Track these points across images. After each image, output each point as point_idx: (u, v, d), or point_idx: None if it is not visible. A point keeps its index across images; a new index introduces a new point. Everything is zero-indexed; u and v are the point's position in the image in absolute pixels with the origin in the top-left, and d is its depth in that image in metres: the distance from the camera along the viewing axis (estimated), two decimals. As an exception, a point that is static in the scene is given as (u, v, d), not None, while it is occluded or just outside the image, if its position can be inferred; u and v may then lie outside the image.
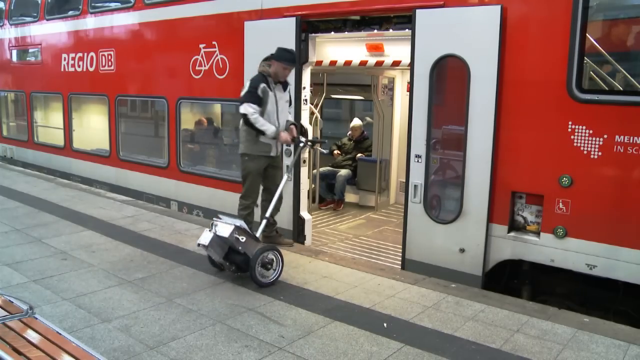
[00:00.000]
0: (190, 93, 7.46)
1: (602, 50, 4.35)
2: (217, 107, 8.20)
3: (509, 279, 4.95)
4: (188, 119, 8.16)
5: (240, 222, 4.55)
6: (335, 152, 8.76)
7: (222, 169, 7.72)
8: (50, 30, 10.01)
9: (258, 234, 4.79)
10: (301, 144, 5.30)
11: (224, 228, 4.43)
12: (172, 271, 4.90)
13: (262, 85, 5.10)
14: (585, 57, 4.21)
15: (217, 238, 4.47)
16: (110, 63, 8.71)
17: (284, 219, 6.27)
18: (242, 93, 5.11)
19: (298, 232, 6.27)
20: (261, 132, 5.11)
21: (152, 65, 8.03)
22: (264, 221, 5.01)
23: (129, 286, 4.50)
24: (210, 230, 4.50)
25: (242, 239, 4.43)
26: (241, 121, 5.19)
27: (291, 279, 4.75)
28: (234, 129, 7.74)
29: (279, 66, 5.14)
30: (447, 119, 5.19)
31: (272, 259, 4.59)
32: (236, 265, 4.58)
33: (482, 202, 4.76)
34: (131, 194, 8.39)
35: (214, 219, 4.68)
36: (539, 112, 4.44)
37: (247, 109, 5.06)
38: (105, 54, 8.77)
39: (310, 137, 6.12)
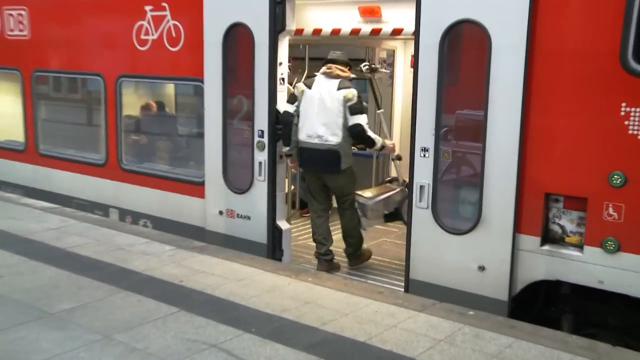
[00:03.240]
0: (134, 69, 7.41)
1: None
2: (169, 88, 8.15)
3: (544, 306, 4.94)
4: (132, 102, 8.10)
5: (371, 202, 6.12)
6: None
7: (177, 166, 7.69)
8: None
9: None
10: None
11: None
12: (111, 299, 4.84)
13: None
14: None
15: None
16: (21, 27, 8.52)
17: (255, 230, 6.27)
18: (351, 103, 5.88)
19: (273, 245, 6.30)
20: (370, 144, 6.10)
21: (81, 32, 7.92)
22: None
23: (52, 321, 4.40)
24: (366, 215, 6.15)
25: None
26: (336, 135, 5.93)
27: (265, 306, 4.71)
28: (192, 115, 7.73)
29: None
30: (461, 102, 5.18)
31: None
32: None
33: (506, 207, 4.75)
34: (56, 200, 8.27)
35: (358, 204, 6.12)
36: (581, 90, 4.40)
37: (364, 119, 5.95)
38: (14, 13, 8.56)
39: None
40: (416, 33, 5.07)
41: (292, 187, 7.89)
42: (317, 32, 6.98)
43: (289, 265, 6.12)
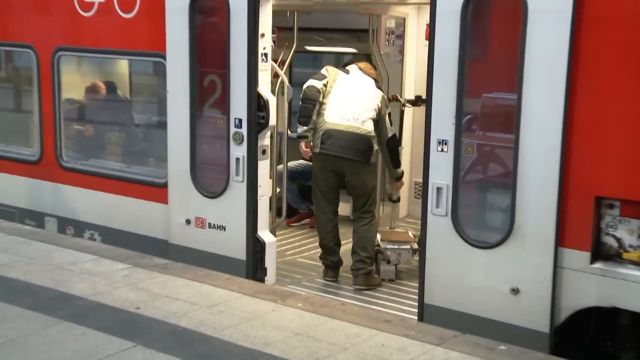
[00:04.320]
0: (75, 41, 7.41)
1: None
2: (122, 65, 8.17)
3: (597, 339, 4.92)
4: (74, 82, 8.09)
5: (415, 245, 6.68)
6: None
7: (133, 164, 7.70)
8: None
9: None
10: None
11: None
12: (47, 332, 4.80)
13: None
14: None
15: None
16: None
17: (232, 243, 6.28)
18: (389, 112, 6.71)
19: (254, 263, 6.32)
20: (397, 162, 6.94)
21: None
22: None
23: (-33, 361, 4.38)
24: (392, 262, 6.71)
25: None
26: (371, 125, 6.47)
27: (244, 339, 4.70)
28: (152, 100, 7.79)
29: None
30: (489, 83, 5.22)
31: None
32: None
33: (546, 214, 4.75)
34: None
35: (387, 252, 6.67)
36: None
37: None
38: None
39: (272, 114, 6.30)
40: (432, -4, 5.11)
41: (278, 190, 7.85)
42: (307, -5, 7.04)
43: (274, 287, 6.13)
